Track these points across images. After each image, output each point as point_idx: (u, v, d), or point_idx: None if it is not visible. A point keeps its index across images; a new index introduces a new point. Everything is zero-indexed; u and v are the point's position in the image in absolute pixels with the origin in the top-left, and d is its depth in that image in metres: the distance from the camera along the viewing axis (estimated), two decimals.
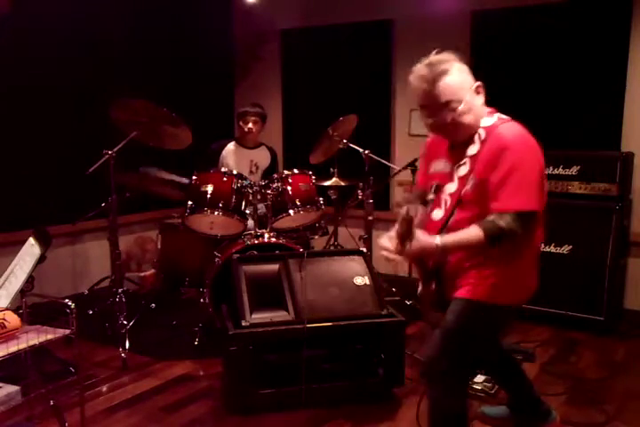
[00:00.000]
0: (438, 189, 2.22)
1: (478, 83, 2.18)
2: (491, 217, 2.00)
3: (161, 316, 4.07)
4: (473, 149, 2.12)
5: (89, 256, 4.75)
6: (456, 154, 2.19)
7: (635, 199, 4.13)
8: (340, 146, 4.17)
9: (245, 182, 3.67)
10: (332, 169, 4.35)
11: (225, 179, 3.63)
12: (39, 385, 2.58)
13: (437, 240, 2.00)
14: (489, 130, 2.11)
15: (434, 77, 2.19)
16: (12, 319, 2.29)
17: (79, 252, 4.72)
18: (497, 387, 3.09)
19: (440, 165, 2.27)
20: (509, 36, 4.46)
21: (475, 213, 2.08)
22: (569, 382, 3.22)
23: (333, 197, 4.37)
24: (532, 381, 2.73)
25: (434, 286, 2.25)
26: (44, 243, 2.50)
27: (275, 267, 3.14)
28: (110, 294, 3.77)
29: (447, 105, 2.11)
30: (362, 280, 3.12)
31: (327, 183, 4.31)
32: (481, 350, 2.30)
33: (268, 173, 4.20)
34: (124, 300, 3.66)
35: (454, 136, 2.19)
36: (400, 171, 4.20)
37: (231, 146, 4.27)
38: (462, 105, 2.09)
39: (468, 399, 2.32)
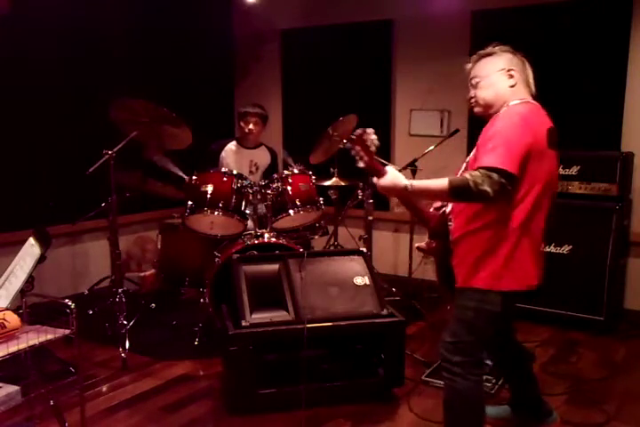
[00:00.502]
0: None
1: (511, 67, 2.32)
2: (465, 173, 2.09)
3: (161, 316, 4.08)
4: (490, 121, 2.27)
5: (89, 256, 4.75)
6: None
7: (635, 199, 4.13)
8: (340, 146, 4.17)
9: (245, 182, 3.67)
10: (331, 169, 4.35)
11: (225, 179, 3.63)
12: (39, 385, 2.58)
13: (406, 182, 2.15)
14: (508, 107, 2.25)
15: (475, 59, 2.44)
16: (12, 319, 2.29)
17: (79, 252, 4.72)
18: (497, 387, 3.09)
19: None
20: (509, 36, 4.42)
21: None
22: (569, 382, 3.22)
23: (333, 197, 4.38)
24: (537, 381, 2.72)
25: (435, 244, 2.41)
26: (44, 243, 2.50)
27: (275, 267, 3.14)
28: (110, 294, 3.76)
29: (472, 80, 2.36)
30: (362, 280, 3.12)
31: (327, 183, 4.31)
32: (488, 336, 2.32)
33: (269, 173, 4.20)
34: (123, 300, 3.66)
35: (476, 109, 2.38)
36: (400, 171, 4.18)
37: (231, 146, 4.26)
38: (483, 81, 2.31)
39: (482, 386, 2.33)
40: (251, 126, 4.12)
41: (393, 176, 2.18)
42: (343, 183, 4.33)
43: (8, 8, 4.06)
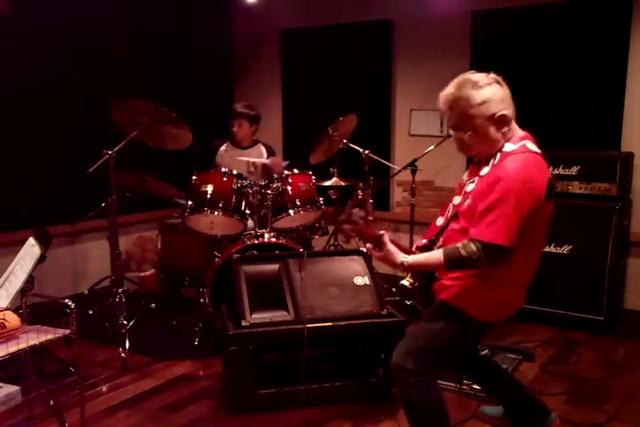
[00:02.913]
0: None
1: (502, 112, 2.12)
2: (459, 244, 2.06)
3: (161, 316, 4.07)
4: (484, 171, 2.18)
5: (89, 256, 4.75)
6: (475, 170, 2.27)
7: (635, 199, 4.13)
8: (340, 146, 4.17)
9: (245, 182, 3.67)
10: (331, 169, 4.35)
11: (225, 179, 3.63)
12: (39, 385, 2.58)
13: (404, 259, 2.16)
14: (503, 156, 2.12)
15: (450, 101, 2.23)
16: (12, 319, 2.29)
17: (79, 252, 4.72)
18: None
19: (465, 177, 2.36)
20: (509, 36, 4.46)
21: (464, 227, 2.16)
22: (569, 382, 3.22)
23: (333, 197, 4.37)
24: (525, 382, 2.72)
25: (417, 283, 2.33)
26: (44, 243, 2.50)
27: (275, 267, 3.14)
28: (110, 294, 3.76)
29: (456, 129, 2.20)
30: (362, 280, 3.12)
31: (327, 183, 4.31)
32: (442, 357, 2.29)
33: (268, 170, 4.18)
34: (123, 300, 3.66)
35: (467, 155, 2.40)
36: (400, 171, 4.20)
37: (224, 146, 4.26)
38: (474, 134, 2.14)
39: (439, 393, 2.31)
40: (234, 129, 4.12)
41: (389, 253, 2.19)
42: (343, 183, 4.32)
43: (8, 8, 4.06)
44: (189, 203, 3.59)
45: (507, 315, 2.31)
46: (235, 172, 3.70)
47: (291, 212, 3.65)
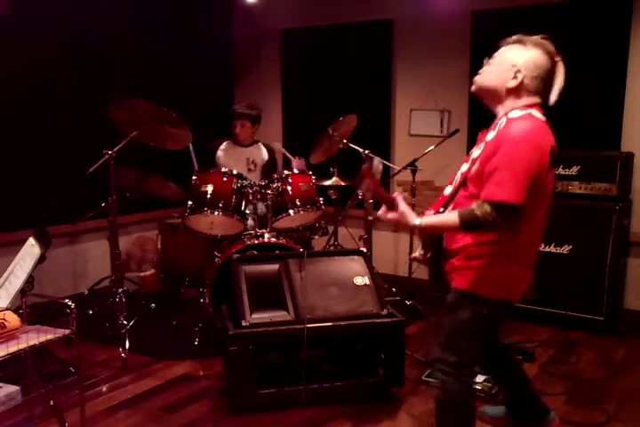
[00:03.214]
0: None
1: (522, 70, 2.19)
2: (473, 204, 2.09)
3: (161, 316, 4.07)
4: (490, 136, 2.22)
5: (89, 256, 4.75)
6: (482, 137, 2.31)
7: (635, 199, 4.13)
8: (340, 146, 4.17)
9: (245, 182, 3.68)
10: (331, 169, 4.35)
11: (225, 179, 3.63)
12: (39, 385, 2.58)
13: (417, 221, 2.14)
14: (509, 121, 2.17)
15: (509, 42, 2.31)
16: (12, 319, 2.29)
17: (79, 252, 4.72)
18: (497, 387, 3.09)
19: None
20: (509, 36, 4.45)
21: (473, 193, 2.18)
22: (569, 382, 3.22)
23: (333, 197, 4.37)
24: (531, 381, 2.73)
25: (429, 255, 2.41)
26: (44, 243, 2.50)
27: (275, 267, 3.14)
28: (110, 294, 3.76)
29: (491, 57, 2.29)
30: (362, 280, 3.12)
31: (327, 183, 4.31)
32: (483, 339, 2.34)
33: (269, 169, 4.19)
34: (123, 300, 3.66)
35: (473, 89, 2.35)
36: (400, 171, 4.20)
37: (225, 145, 4.26)
38: (495, 66, 2.24)
39: (473, 388, 2.36)
40: (237, 130, 4.13)
41: (403, 213, 2.18)
42: (343, 183, 4.33)
43: (8, 8, 4.06)
44: (189, 203, 3.59)
45: (520, 292, 2.30)
46: (235, 172, 3.70)
47: (291, 212, 3.65)
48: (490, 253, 2.19)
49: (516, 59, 2.20)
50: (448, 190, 2.37)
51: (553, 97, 2.26)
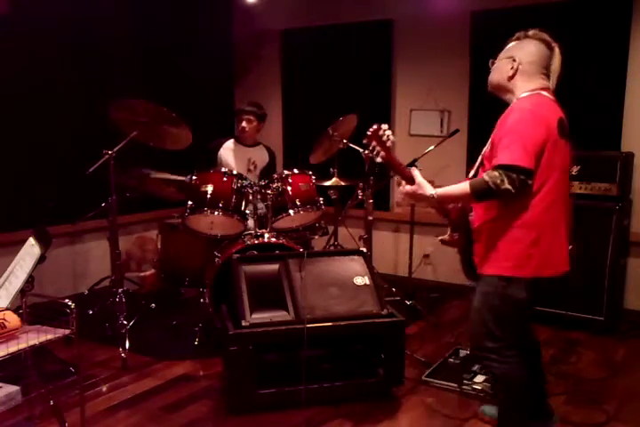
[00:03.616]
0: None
1: (519, 60, 2.32)
2: (483, 173, 2.16)
3: (161, 316, 4.07)
4: (502, 116, 2.30)
5: (89, 256, 4.75)
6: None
7: (635, 199, 4.13)
8: (340, 146, 4.17)
9: (245, 182, 3.67)
10: (331, 169, 4.35)
11: (225, 179, 3.63)
12: (39, 385, 2.58)
13: (432, 192, 2.25)
14: (518, 100, 2.30)
15: (512, 39, 2.45)
16: (12, 319, 2.29)
17: (79, 252, 4.72)
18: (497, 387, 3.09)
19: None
20: (509, 36, 4.44)
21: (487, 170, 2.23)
22: (569, 382, 3.22)
23: (333, 197, 4.37)
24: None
25: (457, 236, 2.50)
26: (44, 243, 2.50)
27: (275, 267, 3.14)
28: (110, 294, 3.76)
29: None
30: (362, 280, 3.12)
31: (327, 183, 4.31)
32: (515, 322, 2.39)
33: (267, 173, 4.19)
34: (123, 300, 3.66)
35: (488, 89, 2.45)
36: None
37: (229, 144, 4.26)
38: (496, 63, 2.39)
39: (521, 365, 2.39)
40: (243, 124, 4.12)
41: (419, 185, 2.29)
42: (343, 183, 4.32)
43: (8, 8, 4.06)
44: (189, 203, 3.59)
45: (552, 268, 2.30)
46: (235, 172, 3.70)
47: (291, 212, 3.65)
48: (505, 231, 2.24)
49: (513, 52, 2.36)
50: (471, 173, 2.47)
51: (551, 85, 2.35)
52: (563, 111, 2.30)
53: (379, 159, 2.33)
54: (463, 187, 2.19)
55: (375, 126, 2.29)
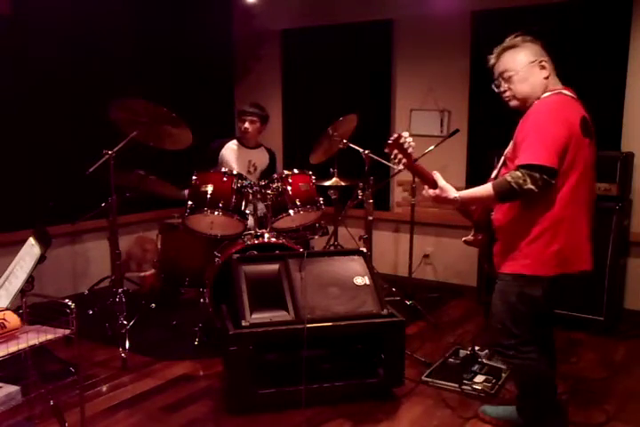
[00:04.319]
0: None
1: (542, 58, 2.37)
2: (505, 174, 2.17)
3: (161, 316, 4.07)
4: (524, 116, 2.32)
5: (89, 256, 4.75)
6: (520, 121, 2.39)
7: (635, 199, 4.13)
8: (340, 146, 4.17)
9: (245, 182, 3.67)
10: (331, 169, 4.35)
11: (225, 179, 3.63)
12: (39, 385, 2.58)
13: (456, 194, 2.26)
14: (540, 100, 2.31)
15: (498, 53, 2.44)
16: (12, 319, 2.29)
17: (79, 252, 4.72)
18: (497, 387, 3.09)
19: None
20: (509, 35, 4.45)
21: (509, 170, 2.25)
22: (569, 382, 3.22)
23: (333, 197, 4.37)
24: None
25: (480, 237, 2.54)
26: (44, 243, 2.50)
27: (275, 267, 3.14)
28: (110, 294, 3.77)
29: (502, 75, 2.39)
30: (362, 280, 3.12)
31: (327, 183, 4.31)
32: (531, 320, 2.40)
33: (267, 175, 4.19)
34: (123, 300, 3.66)
35: (512, 103, 2.41)
36: (400, 171, 4.18)
37: (232, 144, 4.27)
38: (516, 75, 2.34)
39: (539, 359, 2.43)
40: (246, 125, 4.12)
41: (442, 189, 2.28)
42: (343, 183, 4.32)
43: (8, 8, 4.06)
44: (189, 203, 3.59)
45: (570, 265, 2.31)
46: (235, 172, 3.70)
47: (291, 212, 3.64)
48: (525, 229, 2.26)
49: (529, 55, 2.37)
50: (493, 174, 2.48)
51: None
52: (585, 110, 2.33)
53: (400, 166, 2.32)
54: (486, 188, 2.21)
55: (395, 135, 2.28)
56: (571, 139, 2.20)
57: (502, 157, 2.46)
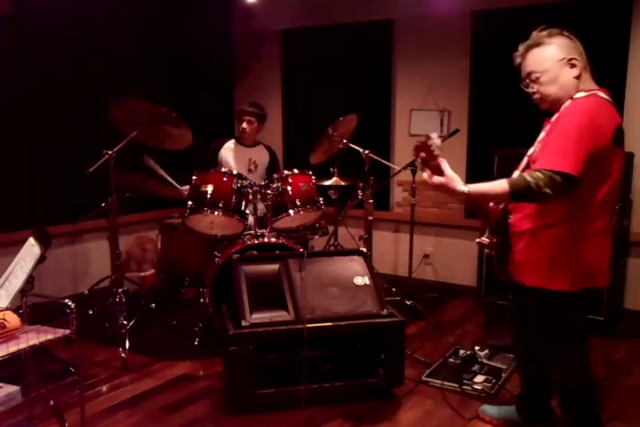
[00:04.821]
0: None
1: (572, 55, 2.22)
2: (524, 173, 2.05)
3: (161, 316, 4.07)
4: (555, 117, 2.20)
5: (89, 256, 4.75)
6: (547, 120, 2.29)
7: (635, 199, 4.13)
8: (340, 146, 4.17)
9: (245, 182, 3.67)
10: (331, 169, 4.35)
11: (225, 179, 3.63)
12: (39, 385, 2.58)
13: (464, 187, 2.08)
14: (572, 101, 2.16)
15: (523, 51, 2.30)
16: (12, 319, 2.29)
17: (79, 252, 4.72)
18: (497, 387, 3.09)
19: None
20: (509, 35, 4.44)
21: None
22: None
23: (333, 197, 4.37)
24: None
25: (495, 240, 2.35)
26: (44, 243, 2.50)
27: (275, 267, 3.14)
28: (110, 294, 3.77)
29: (529, 76, 2.24)
30: (362, 280, 3.12)
31: (327, 183, 4.31)
32: (570, 340, 2.36)
33: (270, 172, 4.20)
34: (123, 300, 3.66)
35: (542, 106, 2.28)
36: (400, 171, 4.20)
37: (230, 144, 4.27)
38: (544, 76, 2.20)
39: (589, 372, 2.37)
40: (244, 125, 4.13)
41: (450, 178, 2.11)
42: (343, 183, 4.32)
43: (8, 8, 4.06)
44: (189, 203, 3.59)
45: (592, 278, 2.23)
46: (235, 172, 3.70)
47: (291, 212, 3.64)
48: (562, 238, 2.15)
49: (557, 53, 2.24)
50: (515, 175, 2.31)
51: None
52: (619, 116, 2.19)
53: (425, 175, 2.16)
54: (500, 185, 2.05)
55: (424, 137, 2.13)
56: (602, 148, 2.05)
57: (525, 158, 2.33)
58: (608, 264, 2.25)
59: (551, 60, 2.21)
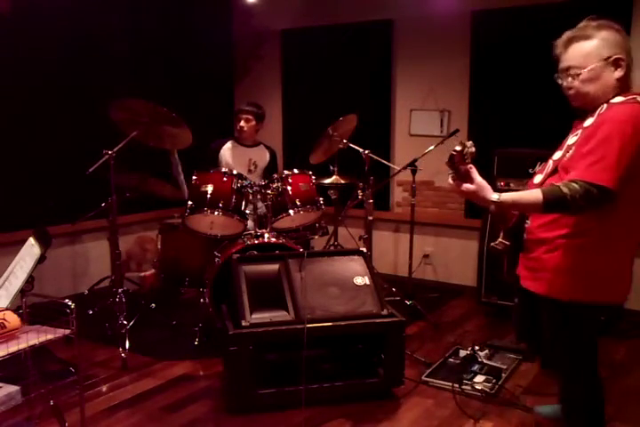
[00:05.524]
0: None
1: (619, 54, 2.05)
2: (559, 183, 1.94)
3: (161, 316, 4.07)
4: (589, 121, 2.06)
5: (89, 256, 4.75)
6: (578, 124, 2.16)
7: None
8: (340, 146, 4.17)
9: (245, 182, 3.67)
10: (331, 167, 4.35)
11: (225, 179, 3.63)
12: (39, 385, 2.58)
13: (495, 196, 1.97)
14: (610, 106, 2.02)
15: (566, 42, 2.18)
16: (12, 319, 2.29)
17: (79, 252, 4.72)
18: (497, 387, 3.09)
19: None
20: (509, 35, 4.46)
21: (562, 180, 1.99)
22: None
23: (333, 196, 4.37)
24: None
25: (509, 243, 2.23)
26: (44, 243, 2.50)
27: (275, 267, 3.14)
28: (110, 294, 3.76)
29: (568, 70, 2.11)
30: (362, 280, 3.12)
31: (327, 181, 4.31)
32: (589, 355, 2.23)
33: (269, 172, 4.20)
34: (123, 300, 3.66)
35: (575, 103, 2.14)
36: (400, 171, 4.20)
37: (229, 144, 4.28)
38: (585, 73, 2.05)
39: (597, 395, 2.26)
40: (241, 124, 4.13)
41: (480, 186, 2.01)
42: (343, 181, 4.33)
43: (8, 8, 4.06)
44: (189, 203, 3.59)
45: (610, 292, 2.11)
46: (235, 172, 3.70)
47: (291, 212, 3.65)
48: (591, 249, 2.04)
49: (603, 50, 2.08)
50: (538, 179, 2.20)
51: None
52: None
53: (450, 181, 2.10)
54: (535, 195, 1.94)
55: (459, 146, 2.03)
56: (639, 159, 1.93)
57: (550, 162, 2.19)
58: (628, 281, 2.16)
59: (596, 58, 2.05)
